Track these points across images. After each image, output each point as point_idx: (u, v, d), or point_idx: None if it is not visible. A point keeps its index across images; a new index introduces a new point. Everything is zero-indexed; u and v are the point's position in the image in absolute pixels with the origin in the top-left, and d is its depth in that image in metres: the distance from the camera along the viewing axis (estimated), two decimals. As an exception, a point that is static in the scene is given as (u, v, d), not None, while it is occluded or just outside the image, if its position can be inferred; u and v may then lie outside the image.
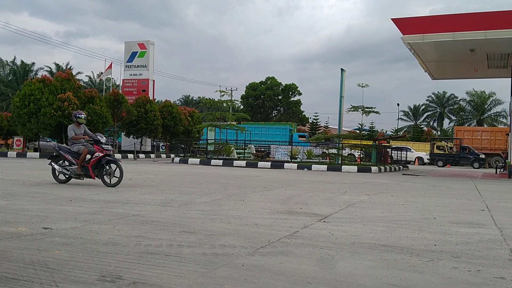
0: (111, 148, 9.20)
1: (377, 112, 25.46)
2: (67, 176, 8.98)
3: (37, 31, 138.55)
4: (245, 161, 22.31)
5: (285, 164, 21.44)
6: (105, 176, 8.79)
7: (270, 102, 60.08)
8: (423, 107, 65.85)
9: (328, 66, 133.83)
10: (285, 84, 60.78)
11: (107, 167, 8.79)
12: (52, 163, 9.01)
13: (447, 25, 17.09)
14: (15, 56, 75.44)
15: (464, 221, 5.88)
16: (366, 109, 24.68)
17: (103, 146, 8.84)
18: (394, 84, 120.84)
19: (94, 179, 8.88)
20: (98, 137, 8.89)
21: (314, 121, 56.65)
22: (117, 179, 8.69)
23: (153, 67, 34.35)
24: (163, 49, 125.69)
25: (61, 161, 9.00)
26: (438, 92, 64.72)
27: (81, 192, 7.58)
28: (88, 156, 8.79)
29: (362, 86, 24.41)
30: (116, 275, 2.90)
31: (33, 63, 53.76)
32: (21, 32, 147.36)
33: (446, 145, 36.60)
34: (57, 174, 9.11)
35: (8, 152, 23.88)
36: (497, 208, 7.47)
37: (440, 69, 23.71)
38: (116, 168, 8.81)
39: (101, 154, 8.69)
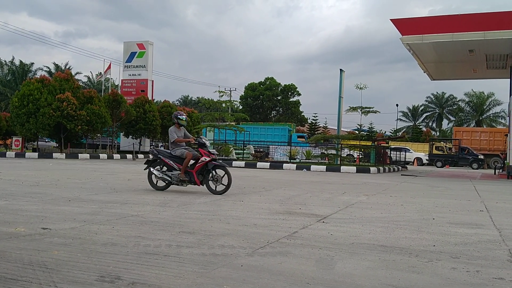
0: (217, 152, 8.42)
1: (376, 112, 25.44)
2: (166, 182, 8.27)
3: (36, 31, 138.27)
4: (244, 162, 22.33)
5: (284, 164, 21.45)
6: (211, 183, 8.11)
7: (269, 102, 60.10)
8: (422, 107, 65.94)
9: (327, 67, 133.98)
10: (284, 85, 60.80)
11: (214, 173, 8.09)
12: (151, 168, 8.33)
13: (446, 26, 17.12)
14: (13, 56, 75.38)
15: (463, 221, 5.89)
16: (365, 109, 24.66)
17: (210, 150, 8.16)
18: (393, 85, 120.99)
19: (199, 185, 8.17)
20: (203, 140, 8.23)
21: (313, 121, 56.64)
22: (225, 186, 8.03)
23: (152, 67, 34.39)
24: (162, 50, 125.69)
25: (158, 167, 8.35)
26: (437, 92, 64.88)
27: (80, 193, 7.58)
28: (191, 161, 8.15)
29: (360, 88, 24.37)
30: (115, 276, 2.90)
31: (32, 63, 53.78)
32: (19, 32, 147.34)
33: (445, 146, 36.64)
34: (154, 181, 8.44)
35: (7, 152, 23.84)
36: (496, 209, 7.48)
37: (439, 69, 23.76)
38: (224, 174, 8.12)
39: (207, 159, 7.98)
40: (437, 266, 3.45)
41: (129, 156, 27.60)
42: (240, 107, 60.00)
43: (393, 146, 31.63)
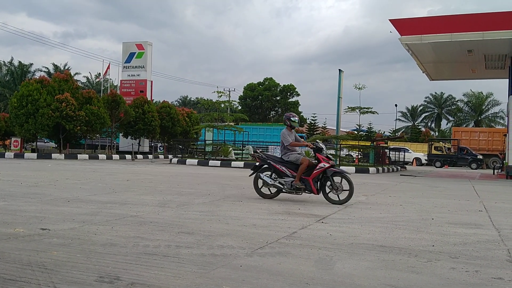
0: (333, 158, 7.72)
1: (374, 112, 25.44)
2: (276, 190, 7.71)
3: (35, 32, 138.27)
4: (243, 162, 22.31)
5: (283, 164, 21.40)
6: (329, 191, 7.45)
7: (268, 102, 60.11)
8: (421, 108, 66.01)
9: (326, 67, 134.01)
10: (283, 85, 60.82)
11: (333, 180, 7.41)
12: (260, 175, 7.76)
13: (444, 26, 17.14)
14: (12, 57, 75.28)
15: (462, 221, 5.89)
16: (363, 109, 24.66)
17: (328, 155, 7.60)
18: (392, 85, 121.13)
19: (317, 194, 7.51)
20: (321, 144, 7.63)
21: (312, 121, 56.68)
22: (346, 195, 7.30)
23: (151, 68, 34.36)
24: (161, 50, 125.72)
25: (267, 173, 7.77)
26: (436, 93, 64.96)
27: (79, 193, 7.57)
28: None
29: (359, 88, 24.35)
30: (114, 276, 2.90)
31: (31, 64, 53.56)
32: (18, 32, 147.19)
33: (444, 146, 36.67)
34: (260, 186, 7.84)
35: (6, 153, 23.81)
36: (495, 209, 7.49)
37: (438, 70, 23.78)
38: (344, 182, 7.45)
39: (326, 165, 7.37)
40: (436, 266, 3.46)
41: (128, 156, 27.58)
42: (239, 108, 60.00)
43: (392, 146, 31.67)
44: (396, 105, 60.90)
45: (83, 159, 23.83)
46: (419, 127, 62.40)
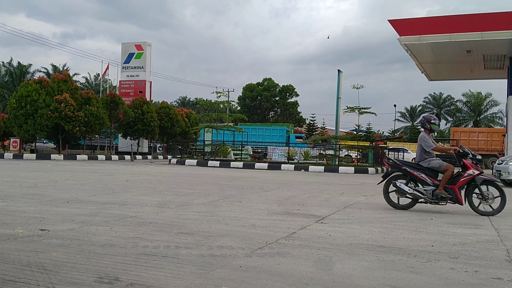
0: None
1: (372, 113, 25.45)
2: (410, 200, 7.04)
3: (34, 32, 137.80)
4: (242, 162, 22.32)
5: (282, 165, 21.45)
6: (476, 200, 6.80)
7: (267, 103, 60.10)
8: (420, 108, 66.04)
9: (325, 67, 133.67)
10: (282, 85, 60.82)
11: (483, 189, 6.73)
12: (396, 182, 7.01)
13: (443, 27, 17.18)
14: (11, 58, 74.77)
15: (461, 222, 5.90)
16: (361, 110, 24.67)
17: (476, 162, 6.93)
18: (391, 85, 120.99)
19: (462, 204, 6.80)
20: (467, 149, 7.04)
21: (311, 122, 56.70)
22: (498, 205, 6.61)
23: (150, 68, 34.36)
24: (160, 51, 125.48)
25: (402, 180, 7.08)
26: (435, 93, 64.99)
27: (78, 194, 7.57)
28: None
29: (357, 88, 24.37)
30: (114, 277, 2.90)
31: (30, 65, 53.38)
32: (17, 33, 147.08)
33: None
34: (389, 193, 7.14)
35: (5, 154, 23.78)
36: (494, 209, 7.48)
37: (436, 70, 23.83)
38: (497, 192, 6.70)
39: (476, 172, 6.70)
40: (435, 266, 3.46)
41: (127, 157, 27.57)
42: (238, 108, 60.00)
43: (391, 147, 31.65)
44: (395, 105, 60.95)
45: (82, 159, 23.81)
46: (418, 127, 62.46)
